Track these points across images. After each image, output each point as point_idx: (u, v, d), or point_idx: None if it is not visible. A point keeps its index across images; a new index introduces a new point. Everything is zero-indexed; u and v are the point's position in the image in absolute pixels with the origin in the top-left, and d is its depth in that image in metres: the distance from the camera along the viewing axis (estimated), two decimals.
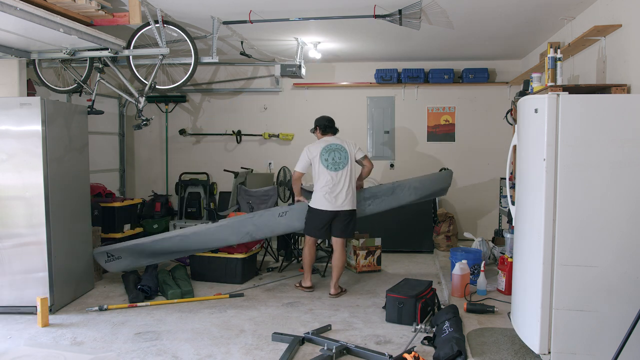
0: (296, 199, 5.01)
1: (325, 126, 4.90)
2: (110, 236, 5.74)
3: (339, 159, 4.70)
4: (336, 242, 4.77)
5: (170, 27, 4.77)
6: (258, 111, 7.53)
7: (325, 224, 4.71)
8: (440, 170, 6.77)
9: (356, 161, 4.83)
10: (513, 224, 3.63)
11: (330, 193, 4.65)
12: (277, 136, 7.44)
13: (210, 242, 5.00)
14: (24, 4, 3.43)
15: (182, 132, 7.55)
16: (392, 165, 7.36)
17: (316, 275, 5.48)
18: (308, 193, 5.06)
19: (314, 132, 5.02)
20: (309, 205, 4.80)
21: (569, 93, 2.95)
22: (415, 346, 3.52)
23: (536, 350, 3.01)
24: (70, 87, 5.28)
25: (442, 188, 5.59)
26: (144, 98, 5.15)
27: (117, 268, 5.04)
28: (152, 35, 4.74)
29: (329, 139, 4.82)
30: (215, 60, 5.08)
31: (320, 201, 4.68)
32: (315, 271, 5.60)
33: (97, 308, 4.34)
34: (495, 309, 4.01)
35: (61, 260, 4.36)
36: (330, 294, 4.75)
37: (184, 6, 4.52)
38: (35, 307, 4.05)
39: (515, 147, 3.56)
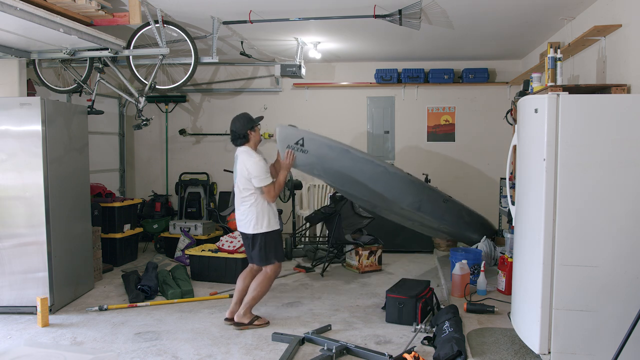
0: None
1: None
2: (110, 236, 5.75)
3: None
4: None
5: (170, 27, 4.77)
6: (258, 111, 7.52)
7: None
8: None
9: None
10: (513, 224, 3.62)
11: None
12: None
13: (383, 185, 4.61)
14: (24, 4, 3.43)
15: (182, 132, 7.55)
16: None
17: (316, 275, 5.49)
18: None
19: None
20: (268, 230, 3.97)
21: (569, 93, 2.94)
22: (415, 346, 3.52)
23: (536, 350, 3.01)
24: (70, 87, 5.28)
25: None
26: (144, 98, 5.16)
27: (299, 163, 4.28)
28: (152, 35, 4.74)
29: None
30: (215, 60, 5.08)
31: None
32: (310, 270, 5.62)
33: (97, 308, 4.34)
34: (495, 309, 4.01)
35: (61, 260, 4.36)
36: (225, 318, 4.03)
37: (184, 6, 4.52)
38: (35, 307, 4.05)
39: (515, 147, 3.55)
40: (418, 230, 5.75)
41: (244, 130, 3.96)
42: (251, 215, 3.92)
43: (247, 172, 3.88)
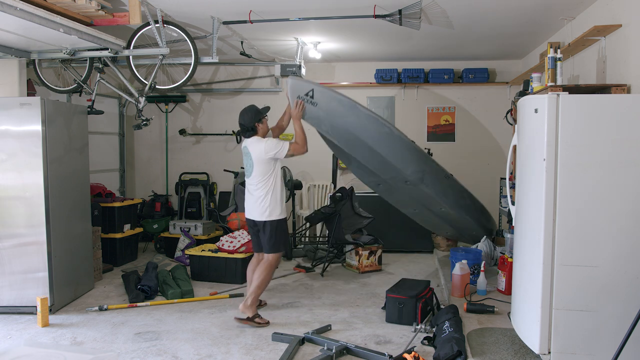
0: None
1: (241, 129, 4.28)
2: (110, 236, 5.75)
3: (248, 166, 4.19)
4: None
5: (170, 27, 4.77)
6: None
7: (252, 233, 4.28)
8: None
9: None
10: (513, 224, 3.63)
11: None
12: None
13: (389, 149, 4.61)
14: (24, 4, 3.43)
15: (182, 132, 7.55)
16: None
17: (316, 274, 5.49)
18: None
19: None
20: (279, 218, 4.14)
21: (569, 93, 2.94)
22: (415, 346, 3.52)
23: (536, 350, 3.01)
24: (70, 87, 5.28)
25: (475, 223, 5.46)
26: (144, 98, 5.16)
27: (308, 115, 4.45)
28: (152, 35, 4.74)
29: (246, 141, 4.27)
30: (215, 60, 5.08)
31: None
32: (310, 270, 5.62)
33: (97, 308, 4.34)
34: (495, 309, 4.01)
35: (61, 260, 4.36)
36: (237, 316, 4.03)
37: (184, 6, 4.52)
38: (35, 307, 4.05)
39: (515, 147, 3.56)
40: (418, 222, 5.70)
41: (251, 123, 4.19)
42: (266, 203, 4.05)
43: (265, 154, 4.06)
